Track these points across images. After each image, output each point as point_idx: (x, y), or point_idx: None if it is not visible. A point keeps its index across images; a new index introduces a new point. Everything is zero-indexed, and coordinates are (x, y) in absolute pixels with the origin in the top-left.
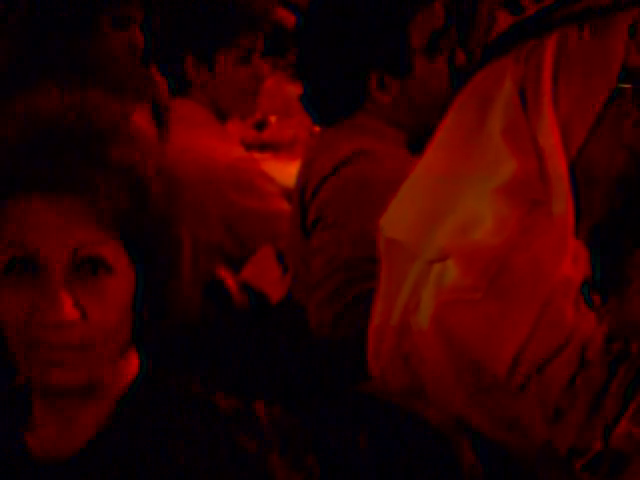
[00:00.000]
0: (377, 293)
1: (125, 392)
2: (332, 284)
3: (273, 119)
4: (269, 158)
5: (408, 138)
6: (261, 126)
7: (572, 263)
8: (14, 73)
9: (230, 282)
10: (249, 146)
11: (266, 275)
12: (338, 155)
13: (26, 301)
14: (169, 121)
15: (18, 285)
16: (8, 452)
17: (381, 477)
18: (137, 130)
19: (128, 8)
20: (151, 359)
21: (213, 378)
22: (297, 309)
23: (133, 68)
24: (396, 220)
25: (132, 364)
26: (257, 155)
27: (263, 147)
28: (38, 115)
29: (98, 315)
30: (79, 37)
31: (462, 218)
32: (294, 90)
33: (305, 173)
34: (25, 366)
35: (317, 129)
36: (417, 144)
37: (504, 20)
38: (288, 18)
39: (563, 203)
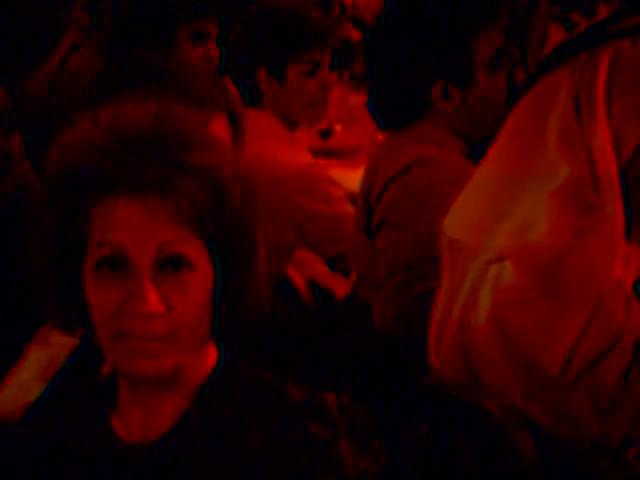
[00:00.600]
0: (439, 290)
1: (204, 381)
2: (395, 283)
3: (338, 128)
4: (334, 164)
5: (467, 146)
6: (327, 134)
7: (623, 264)
8: (102, 85)
9: (298, 280)
10: (316, 153)
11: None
12: (402, 161)
13: (115, 295)
14: (243, 129)
15: (107, 281)
16: (96, 435)
17: (443, 465)
18: (214, 137)
19: (205, 24)
20: (228, 351)
21: (285, 369)
22: (361, 306)
23: (210, 80)
24: (458, 221)
25: (211, 355)
26: (323, 161)
27: (329, 154)
28: (124, 124)
29: (181, 308)
30: (161, 51)
31: (519, 221)
32: (357, 100)
33: (370, 178)
34: (113, 355)
35: (380, 137)
36: (475, 152)
37: (556, 35)
38: (353, 33)
39: (613, 207)
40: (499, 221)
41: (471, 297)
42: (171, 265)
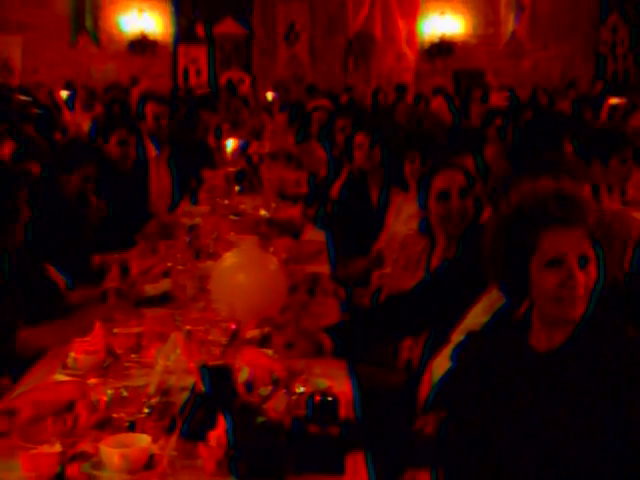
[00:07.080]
0: None
1: (580, 321)
2: None
3: (631, 191)
4: (632, 210)
5: None
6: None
7: None
8: (521, 172)
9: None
10: (624, 203)
11: None
12: None
13: (556, 279)
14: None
15: (551, 272)
16: (520, 346)
17: None
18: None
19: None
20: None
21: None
22: None
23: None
24: None
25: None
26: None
27: (629, 204)
28: (540, 192)
29: (590, 283)
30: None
31: None
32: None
33: None
34: (548, 310)
35: None
36: None
37: None
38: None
39: None
40: None
41: None
42: (585, 262)
